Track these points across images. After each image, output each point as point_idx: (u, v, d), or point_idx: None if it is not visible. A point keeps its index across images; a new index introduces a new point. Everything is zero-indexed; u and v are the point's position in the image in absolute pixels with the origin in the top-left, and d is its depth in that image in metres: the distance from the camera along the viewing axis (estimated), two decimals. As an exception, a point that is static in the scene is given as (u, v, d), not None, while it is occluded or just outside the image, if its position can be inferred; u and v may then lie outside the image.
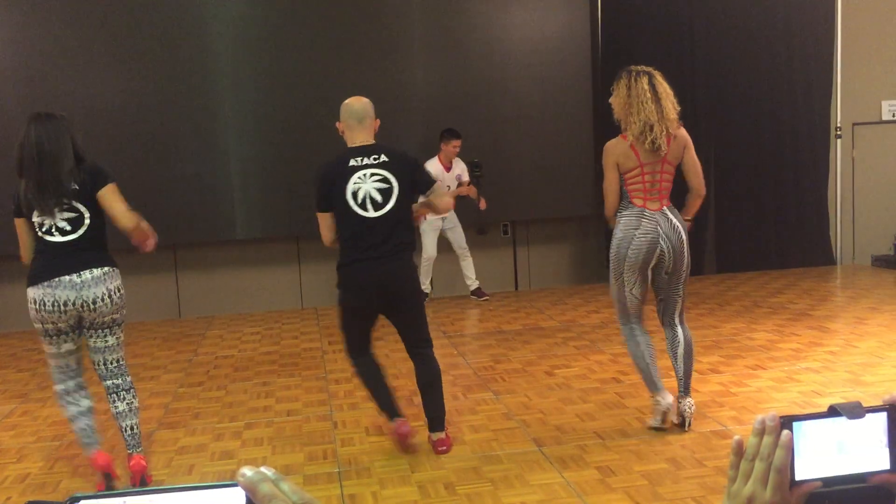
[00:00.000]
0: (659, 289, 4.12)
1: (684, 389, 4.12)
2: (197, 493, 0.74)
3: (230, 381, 5.55)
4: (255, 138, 7.73)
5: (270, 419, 4.69)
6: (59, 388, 3.85)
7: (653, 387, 4.13)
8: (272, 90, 7.72)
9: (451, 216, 7.66)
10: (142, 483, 3.75)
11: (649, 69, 4.08)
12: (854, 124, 8.82)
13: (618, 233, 4.03)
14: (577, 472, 3.72)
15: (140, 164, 7.43)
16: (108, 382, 3.83)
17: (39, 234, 3.66)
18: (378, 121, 4.13)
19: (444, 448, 4.01)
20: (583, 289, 8.34)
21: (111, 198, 3.68)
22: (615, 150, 4.01)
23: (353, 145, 3.99)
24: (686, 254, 4.04)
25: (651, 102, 3.92)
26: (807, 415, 0.93)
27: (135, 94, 7.47)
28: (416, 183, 3.96)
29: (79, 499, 0.73)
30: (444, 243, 7.83)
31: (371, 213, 3.84)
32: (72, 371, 3.84)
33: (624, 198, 4.07)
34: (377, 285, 3.87)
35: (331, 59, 7.73)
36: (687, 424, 4.11)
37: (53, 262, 3.62)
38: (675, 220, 4.03)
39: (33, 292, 3.64)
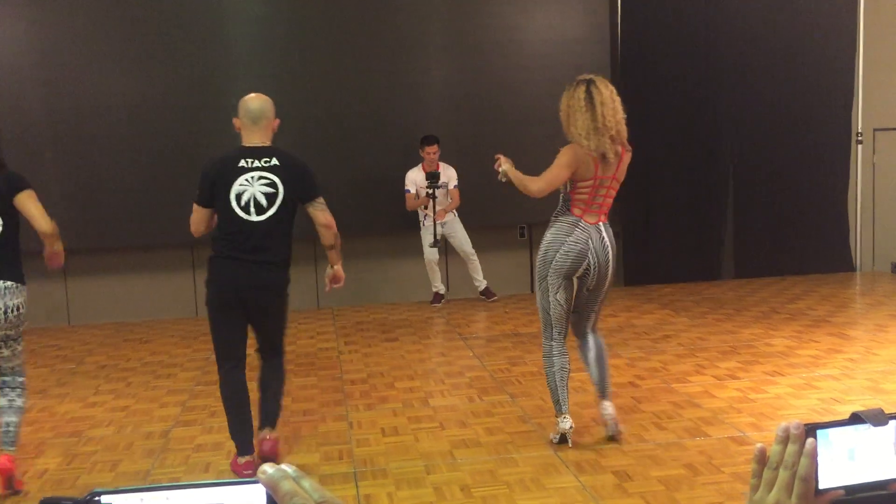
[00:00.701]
0: (577, 303, 4.10)
1: (601, 393, 4.10)
2: (218, 490, 0.74)
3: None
4: (276, 140, 7.74)
5: (287, 418, 4.69)
6: None
7: (557, 408, 4.09)
8: (291, 90, 7.73)
9: (450, 223, 7.65)
10: (9, 485, 3.69)
11: (591, 76, 4.01)
12: (875, 130, 8.75)
13: (548, 237, 4.02)
14: (593, 476, 3.70)
15: (159, 164, 7.47)
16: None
17: None
18: (277, 121, 4.09)
19: (269, 447, 3.93)
20: (599, 292, 8.30)
21: (28, 202, 3.71)
22: (578, 154, 3.91)
23: (247, 145, 3.93)
24: (611, 273, 4.04)
25: (586, 111, 3.88)
26: (830, 422, 0.92)
27: (155, 95, 7.51)
28: (300, 190, 3.86)
29: (99, 494, 0.73)
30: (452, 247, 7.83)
31: (253, 217, 3.77)
32: None
33: (565, 204, 4.02)
34: (242, 287, 3.79)
35: (348, 60, 7.74)
36: (611, 431, 4.06)
37: None
38: (606, 238, 4.01)
39: None
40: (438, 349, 6.32)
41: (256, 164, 3.83)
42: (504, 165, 4.12)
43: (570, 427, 4.03)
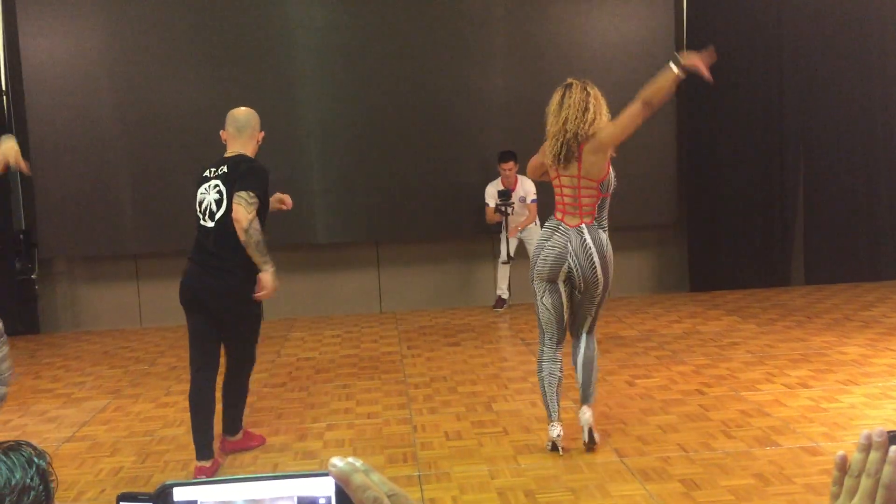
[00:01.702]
0: (570, 303, 4.06)
1: (582, 398, 4.08)
2: (289, 482, 0.74)
3: (312, 383, 5.65)
4: (337, 144, 7.86)
5: (351, 421, 4.76)
6: None
7: (547, 415, 4.08)
8: (354, 97, 7.84)
9: (531, 230, 7.65)
10: None
11: (572, 80, 4.01)
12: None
13: (536, 241, 4.10)
14: (660, 484, 3.65)
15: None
16: None
17: None
18: (262, 133, 4.22)
19: (227, 448, 4.24)
20: (663, 298, 8.20)
21: None
22: (543, 152, 4.04)
23: (223, 156, 4.10)
24: (600, 277, 3.94)
25: (551, 115, 3.96)
26: None
27: (222, 101, 7.62)
28: (234, 189, 3.87)
29: (170, 486, 0.75)
30: (521, 250, 7.81)
31: (208, 223, 3.95)
32: None
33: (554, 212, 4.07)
34: (197, 290, 3.97)
35: (411, 67, 7.80)
36: (586, 437, 4.03)
37: None
38: (588, 240, 3.92)
39: None
40: (501, 354, 6.31)
41: (214, 172, 4.00)
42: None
43: (559, 435, 4.02)
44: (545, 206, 7.54)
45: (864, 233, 8.36)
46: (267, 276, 3.91)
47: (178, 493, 0.75)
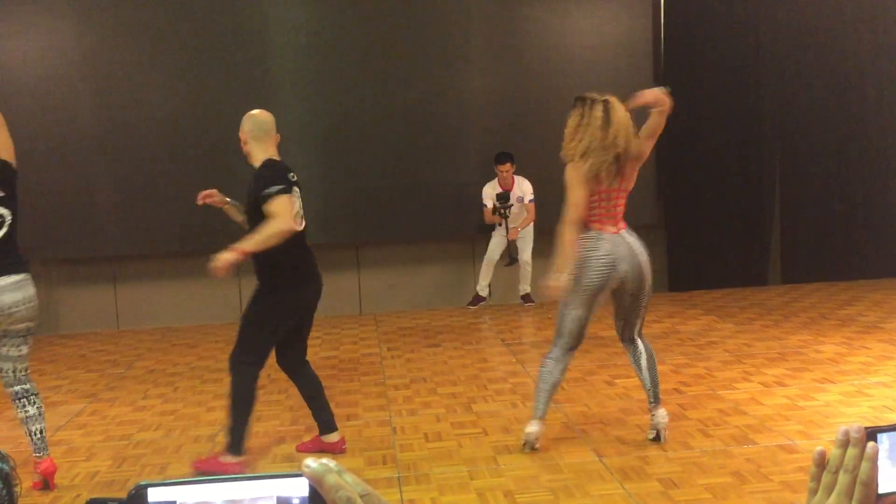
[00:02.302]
0: (620, 310, 4.10)
1: (654, 399, 4.08)
2: (262, 483, 0.74)
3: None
4: (316, 147, 7.84)
5: (330, 423, 4.73)
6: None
7: (533, 412, 4.12)
8: (333, 98, 7.82)
9: (526, 229, 7.68)
10: (45, 486, 3.84)
11: (606, 97, 4.07)
12: (927, 131, 8.54)
13: (578, 256, 3.97)
14: (638, 483, 3.67)
15: (202, 171, 7.58)
16: (18, 388, 3.82)
17: None
18: (279, 136, 4.35)
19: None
20: (643, 298, 8.23)
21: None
22: (581, 170, 3.92)
23: (275, 158, 4.16)
24: (647, 277, 4.00)
25: (599, 130, 3.95)
26: (892, 426, 0.90)
27: (198, 102, 7.64)
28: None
29: (145, 486, 0.74)
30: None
31: (301, 227, 4.20)
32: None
33: (582, 222, 4.00)
34: (314, 298, 4.38)
35: (391, 68, 7.80)
36: (662, 438, 4.07)
37: None
38: (631, 243, 3.99)
39: None
40: (481, 355, 6.31)
41: (295, 177, 4.18)
42: (553, 282, 3.97)
43: (536, 435, 4.06)
44: (542, 207, 7.57)
45: (839, 233, 8.44)
46: (229, 255, 4.02)
47: (153, 494, 0.74)
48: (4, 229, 3.68)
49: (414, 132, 7.78)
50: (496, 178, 7.63)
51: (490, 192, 7.63)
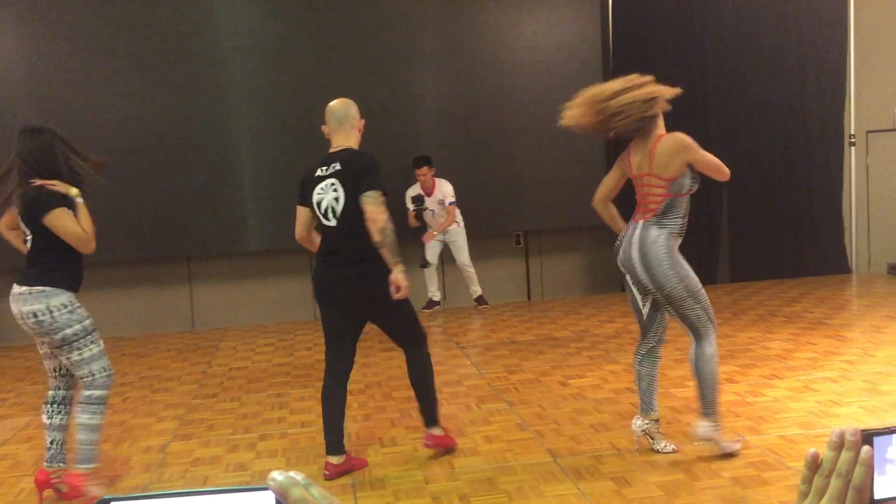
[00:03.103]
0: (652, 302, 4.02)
1: (700, 409, 3.91)
2: (227, 497, 0.73)
3: (244, 393, 5.56)
4: (268, 150, 7.77)
5: (284, 430, 4.70)
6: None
7: (642, 405, 4.08)
8: (284, 102, 7.76)
9: (454, 232, 7.70)
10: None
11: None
12: (868, 132, 8.78)
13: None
14: (592, 482, 3.70)
15: (154, 177, 7.48)
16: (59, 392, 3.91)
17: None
18: (363, 121, 4.14)
19: (429, 442, 4.08)
20: (596, 298, 8.32)
21: (55, 223, 3.68)
22: (621, 155, 4.13)
23: (329, 152, 4.03)
24: (643, 278, 3.85)
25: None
26: (887, 429, 0.86)
27: (148, 107, 7.52)
28: (356, 187, 3.83)
29: (108, 501, 0.73)
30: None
31: (331, 222, 3.92)
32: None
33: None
34: (336, 292, 3.94)
35: (342, 70, 7.76)
36: (715, 448, 3.89)
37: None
38: (636, 235, 3.87)
39: None
40: (436, 358, 6.25)
41: (327, 171, 3.95)
42: None
43: (638, 428, 3.99)
44: (480, 210, 7.58)
45: (785, 231, 8.63)
46: (400, 276, 3.81)
47: None
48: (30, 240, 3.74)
49: (365, 135, 7.72)
50: (417, 182, 7.67)
51: (412, 195, 7.71)
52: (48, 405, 3.87)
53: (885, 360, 5.37)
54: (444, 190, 7.66)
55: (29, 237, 3.75)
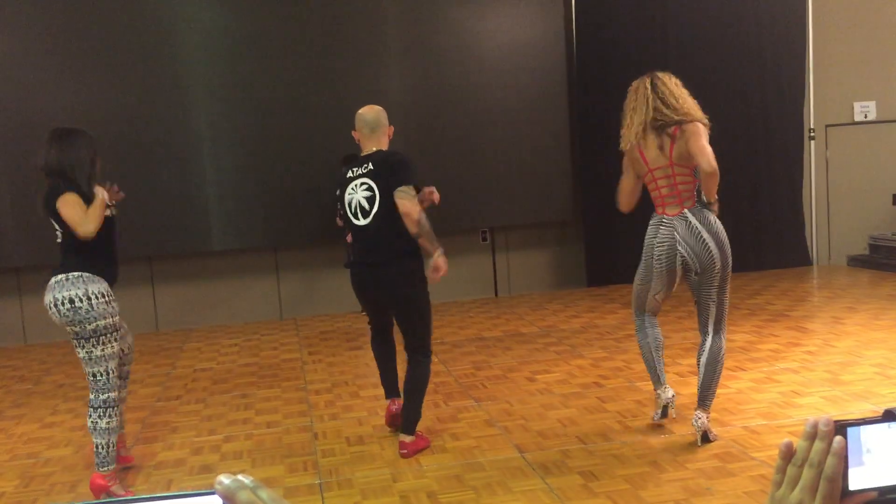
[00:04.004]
0: (692, 290, 4.03)
1: (699, 401, 3.95)
2: (173, 502, 0.72)
3: (209, 395, 5.49)
4: (230, 149, 7.68)
5: (250, 431, 4.64)
6: None
7: (655, 380, 4.12)
8: (246, 100, 7.68)
9: None
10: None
11: (656, 73, 4.17)
12: (827, 126, 8.92)
13: (645, 241, 4.04)
14: (559, 477, 3.71)
15: (114, 177, 7.33)
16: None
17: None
18: (392, 127, 4.23)
19: (404, 451, 4.08)
20: (562, 294, 8.35)
21: (63, 209, 3.68)
22: (629, 154, 4.08)
23: (361, 154, 4.12)
24: (716, 258, 3.85)
25: (630, 110, 4.09)
26: (861, 420, 0.86)
27: (108, 106, 7.39)
28: (390, 183, 3.92)
29: None
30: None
31: (361, 221, 3.99)
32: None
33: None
34: (367, 290, 4.14)
35: (305, 69, 7.70)
36: (698, 441, 3.92)
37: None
38: (695, 222, 3.87)
39: None
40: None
41: (359, 171, 4.02)
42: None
43: (671, 397, 4.06)
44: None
45: (748, 224, 8.73)
46: (440, 259, 3.92)
47: None
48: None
49: (328, 133, 7.69)
50: None
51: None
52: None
53: (846, 351, 5.46)
54: None
55: (58, 231, 3.77)
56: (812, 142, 8.93)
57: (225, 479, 0.71)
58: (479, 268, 8.54)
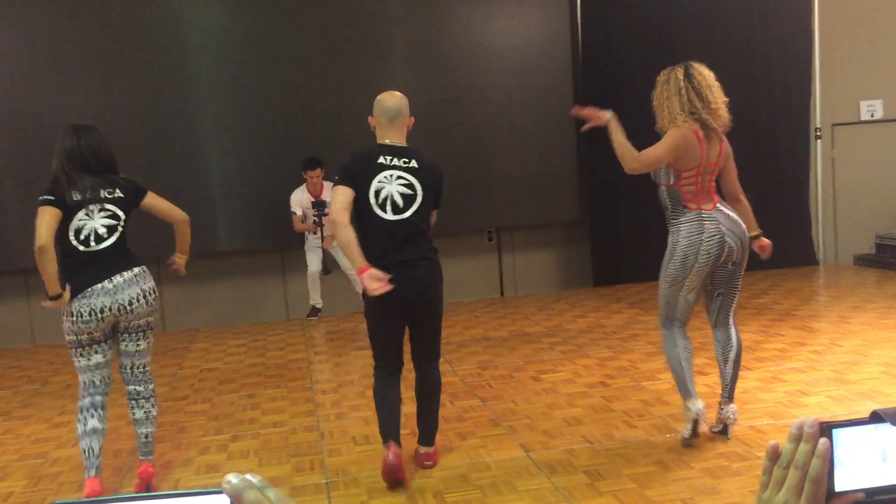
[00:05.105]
0: (719, 283, 3.94)
1: (728, 395, 3.96)
2: (181, 500, 0.72)
3: (216, 394, 5.51)
4: (237, 149, 7.70)
5: (257, 431, 4.66)
6: (78, 403, 3.86)
7: (685, 392, 3.91)
8: (253, 101, 7.70)
9: None
10: (147, 490, 3.78)
11: (689, 62, 4.08)
12: (833, 125, 8.90)
13: (681, 241, 3.85)
14: (565, 476, 3.71)
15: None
16: (131, 388, 3.90)
17: (74, 243, 3.71)
18: (412, 119, 3.97)
19: (430, 463, 3.93)
20: (568, 294, 8.35)
21: (156, 202, 3.98)
22: (687, 137, 3.78)
23: (383, 142, 3.79)
24: (747, 245, 3.96)
25: (689, 92, 3.89)
26: (848, 421, 0.86)
27: (114, 107, 7.42)
28: (435, 197, 3.81)
29: None
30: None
31: (389, 216, 3.64)
32: (94, 388, 3.83)
33: (677, 203, 3.90)
34: (394, 292, 3.57)
35: (311, 69, 7.72)
36: (728, 432, 3.95)
37: (89, 270, 3.69)
38: (732, 214, 3.93)
39: (73, 305, 3.69)
40: (409, 355, 6.29)
41: (396, 162, 3.71)
42: (608, 115, 3.97)
43: (701, 409, 3.86)
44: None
45: (754, 224, 8.71)
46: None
47: None
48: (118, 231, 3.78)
49: (335, 133, 7.70)
50: (304, 185, 7.37)
51: (299, 199, 7.37)
52: (100, 410, 3.82)
53: (852, 350, 5.45)
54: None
55: (121, 225, 3.80)
56: (818, 141, 8.91)
57: (233, 478, 0.71)
58: (485, 268, 8.55)
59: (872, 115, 8.89)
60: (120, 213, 3.80)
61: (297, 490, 3.76)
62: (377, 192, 3.64)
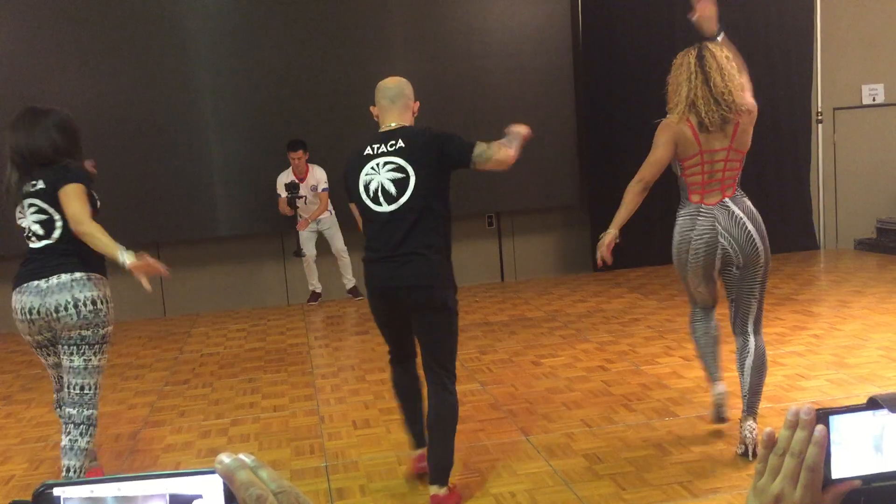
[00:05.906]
0: (729, 287, 3.66)
1: (747, 409, 3.58)
2: (174, 480, 0.71)
3: (216, 379, 5.52)
4: (237, 134, 7.69)
5: (257, 415, 4.68)
6: (54, 396, 3.66)
7: (708, 376, 3.81)
8: (252, 86, 7.68)
9: (326, 219, 7.56)
10: None
11: (703, 43, 3.71)
12: (835, 109, 8.87)
13: (675, 236, 3.70)
14: (564, 460, 3.72)
15: (121, 163, 7.36)
16: (65, 409, 3.40)
17: (25, 238, 3.46)
18: (417, 103, 3.68)
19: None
20: (568, 278, 8.35)
21: (66, 199, 3.30)
22: (674, 130, 3.62)
23: (379, 131, 3.48)
24: (760, 250, 3.58)
25: (695, 79, 3.62)
26: (845, 408, 0.84)
27: (114, 92, 7.41)
28: (446, 159, 3.40)
29: (51, 486, 0.72)
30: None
31: (384, 207, 3.31)
32: (57, 384, 3.59)
33: (682, 194, 3.73)
34: (389, 290, 3.33)
35: (310, 55, 7.69)
36: (750, 454, 3.52)
37: (27, 266, 3.40)
38: (737, 211, 3.60)
39: (12, 299, 3.41)
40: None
41: (382, 149, 3.37)
42: (614, 233, 3.83)
43: (723, 393, 3.68)
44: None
45: (755, 208, 8.69)
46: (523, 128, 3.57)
47: (59, 493, 0.72)
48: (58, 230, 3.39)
49: (334, 119, 7.68)
50: (290, 167, 7.41)
51: (284, 180, 7.40)
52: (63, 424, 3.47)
53: (852, 334, 5.45)
54: (318, 176, 7.45)
55: (57, 220, 3.39)
56: (820, 125, 8.88)
57: (225, 458, 0.70)
58: (485, 252, 8.55)
59: (874, 100, 8.85)
60: (45, 206, 3.35)
61: (297, 473, 3.77)
62: (367, 186, 3.34)
